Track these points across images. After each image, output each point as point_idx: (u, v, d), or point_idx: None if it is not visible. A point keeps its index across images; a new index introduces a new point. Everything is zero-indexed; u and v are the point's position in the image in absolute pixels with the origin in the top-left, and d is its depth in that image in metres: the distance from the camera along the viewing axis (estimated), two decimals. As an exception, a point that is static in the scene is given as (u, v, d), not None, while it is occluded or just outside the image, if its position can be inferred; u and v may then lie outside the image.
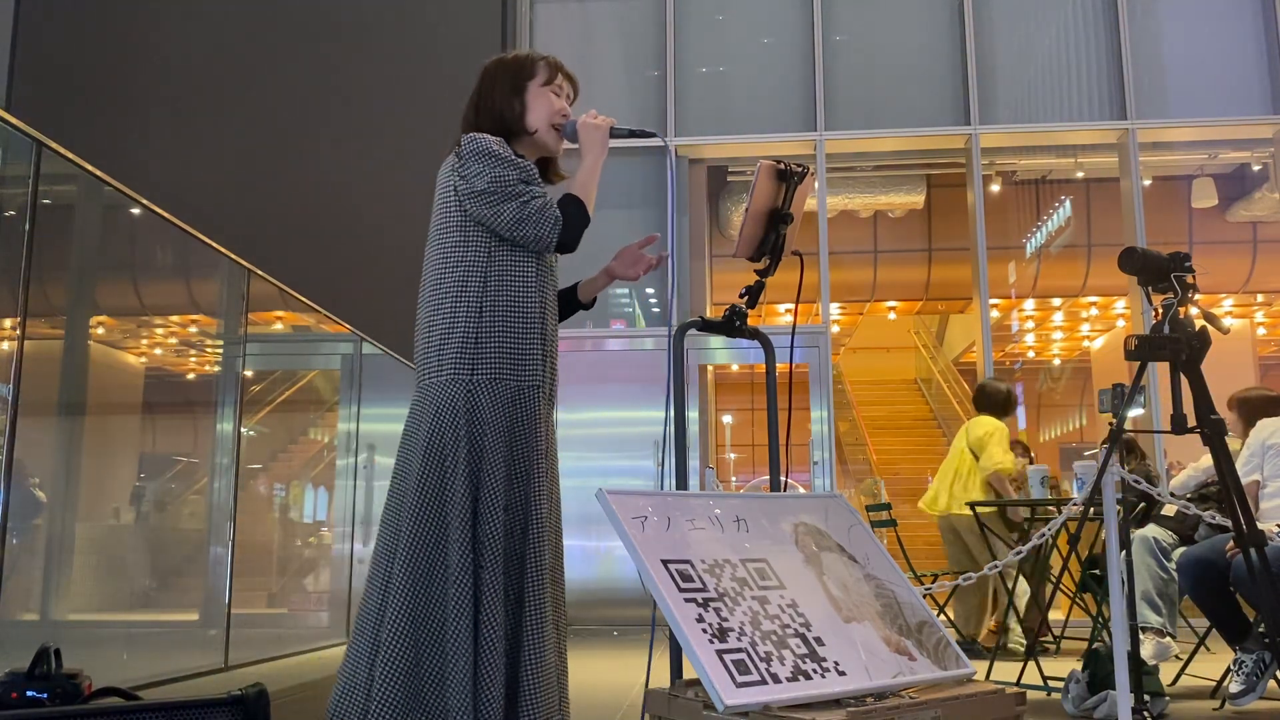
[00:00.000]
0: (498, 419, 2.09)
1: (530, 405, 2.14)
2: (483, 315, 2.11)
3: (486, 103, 2.27)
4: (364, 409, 5.89)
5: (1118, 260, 3.03)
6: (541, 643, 2.04)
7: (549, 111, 2.28)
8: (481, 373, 2.10)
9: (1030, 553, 3.97)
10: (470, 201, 2.13)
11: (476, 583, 2.01)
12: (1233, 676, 3.43)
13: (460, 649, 1.95)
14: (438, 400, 2.10)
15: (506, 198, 2.11)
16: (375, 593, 2.06)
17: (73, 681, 1.95)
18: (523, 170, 2.14)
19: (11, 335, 2.92)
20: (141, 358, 4.27)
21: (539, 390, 2.16)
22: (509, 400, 2.12)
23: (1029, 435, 17.58)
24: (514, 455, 2.12)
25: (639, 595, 6.97)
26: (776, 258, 2.45)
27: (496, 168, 2.12)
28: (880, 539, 2.37)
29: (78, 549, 3.56)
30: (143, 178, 3.92)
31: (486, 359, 2.10)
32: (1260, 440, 3.86)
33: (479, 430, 2.08)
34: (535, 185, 2.15)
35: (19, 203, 3.03)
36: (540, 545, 2.09)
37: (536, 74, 2.29)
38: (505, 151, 2.15)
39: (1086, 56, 8.05)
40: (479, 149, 2.13)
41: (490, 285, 2.13)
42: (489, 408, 2.09)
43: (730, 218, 9.99)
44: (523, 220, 2.10)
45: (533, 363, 2.15)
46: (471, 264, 2.13)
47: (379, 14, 8.48)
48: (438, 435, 2.07)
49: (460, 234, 2.15)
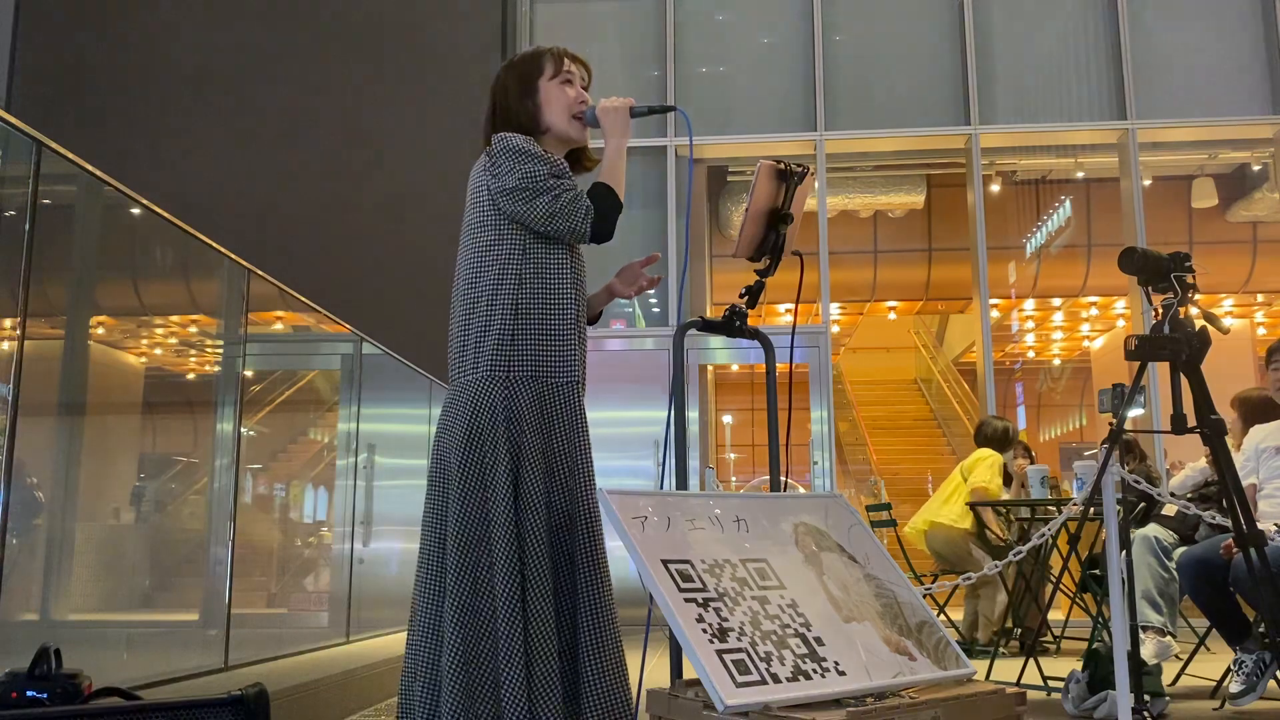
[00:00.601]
0: (535, 415, 2.09)
1: (569, 400, 2.15)
2: (519, 312, 2.11)
3: (502, 111, 2.27)
4: (364, 409, 5.88)
5: (1118, 260, 3.03)
6: (601, 641, 2.03)
7: (564, 103, 2.27)
8: (519, 369, 2.10)
9: (1030, 553, 3.97)
10: (503, 199, 2.13)
11: (523, 580, 2.00)
12: (1233, 676, 3.43)
13: (512, 650, 1.95)
14: (475, 397, 2.09)
15: (538, 193, 2.11)
16: (430, 591, 2.07)
17: (73, 681, 1.95)
18: (552, 165, 2.15)
19: (11, 335, 2.92)
20: (141, 358, 4.27)
21: (577, 385, 2.16)
22: (548, 396, 2.12)
23: (1029, 435, 17.58)
24: (554, 451, 2.11)
25: (639, 595, 6.97)
26: (776, 258, 2.45)
27: (526, 163, 2.12)
28: (880, 539, 2.37)
29: (78, 549, 3.55)
30: (143, 178, 3.92)
31: (524, 355, 2.10)
32: (1254, 445, 3.88)
33: (517, 427, 2.07)
34: (565, 179, 2.15)
35: (19, 203, 3.03)
36: (592, 541, 2.09)
37: (544, 69, 2.28)
38: (534, 148, 2.15)
39: (1086, 56, 8.05)
40: (508, 147, 2.14)
41: (526, 282, 2.13)
42: (527, 404, 2.09)
43: (730, 218, 9.99)
44: (555, 214, 2.11)
45: (569, 358, 2.15)
46: (506, 261, 2.13)
47: (379, 14, 8.47)
48: (476, 431, 2.07)
49: (494, 232, 2.15)
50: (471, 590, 2.01)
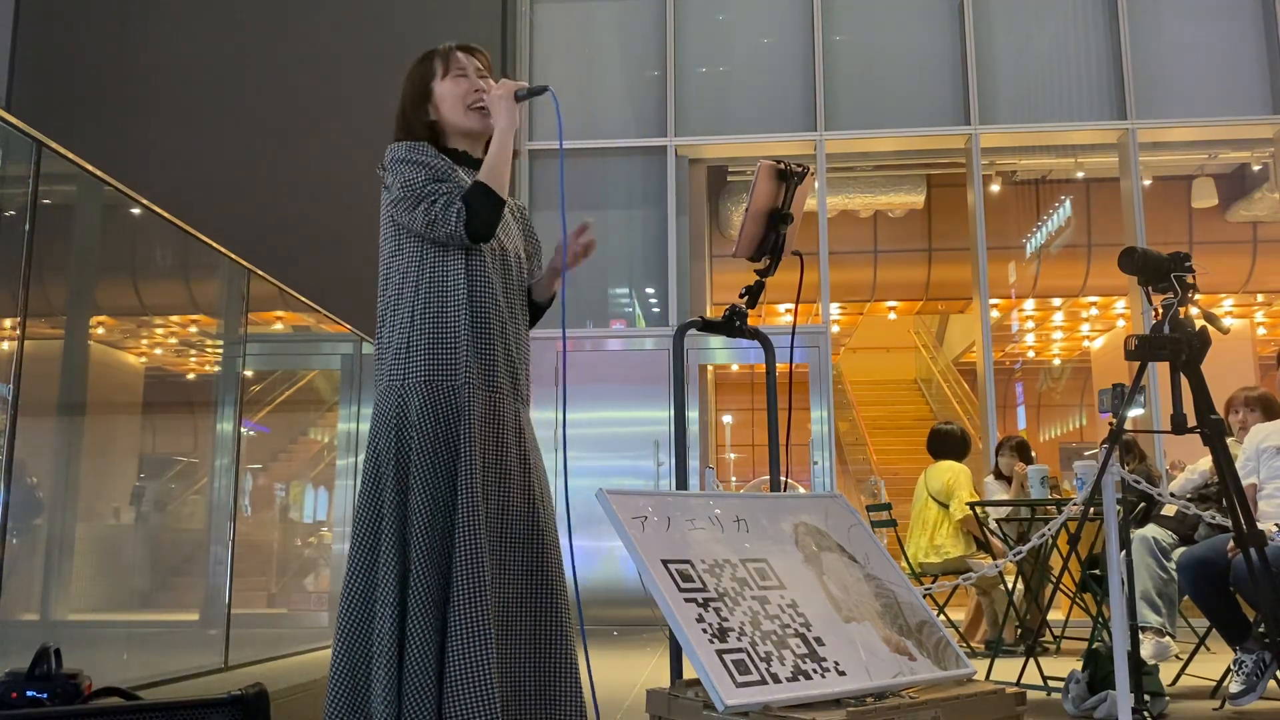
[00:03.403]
0: (425, 420, 2.08)
1: (462, 404, 2.10)
2: (413, 320, 2.13)
3: (402, 121, 2.29)
4: (364, 409, 5.88)
5: (1118, 260, 3.03)
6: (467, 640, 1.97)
7: (457, 98, 2.25)
8: (411, 377, 2.10)
9: (1030, 553, 3.97)
10: (393, 209, 2.16)
11: (403, 586, 2.01)
12: (1233, 676, 3.43)
13: (384, 653, 1.96)
14: (377, 410, 2.14)
15: (418, 200, 2.12)
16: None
17: (73, 681, 1.95)
18: (432, 170, 2.14)
19: (11, 335, 2.92)
20: (141, 358, 4.27)
21: (473, 389, 2.11)
22: (440, 401, 2.09)
23: (1029, 435, 17.58)
24: (447, 455, 2.09)
25: (639, 595, 6.97)
26: (776, 258, 2.45)
27: (405, 172, 2.14)
28: (880, 539, 2.37)
29: (78, 549, 3.55)
30: (143, 178, 3.92)
31: (416, 363, 2.11)
32: (1255, 444, 3.88)
33: (406, 434, 2.08)
34: (445, 182, 2.14)
35: (19, 203, 3.03)
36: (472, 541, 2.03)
37: (435, 71, 2.28)
38: (418, 155, 2.16)
39: (1086, 56, 8.05)
40: (391, 157, 2.17)
41: (420, 289, 2.14)
42: (417, 410, 2.08)
43: (730, 218, 9.99)
44: (432, 221, 2.11)
45: (463, 361, 2.11)
46: (404, 271, 2.16)
47: (379, 14, 8.48)
48: (373, 444, 2.11)
49: (394, 243, 2.18)
50: (357, 597, 2.04)
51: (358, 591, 2.04)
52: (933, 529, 5.52)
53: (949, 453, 5.68)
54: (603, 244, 8.01)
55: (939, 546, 5.46)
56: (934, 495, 5.54)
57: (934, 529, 5.51)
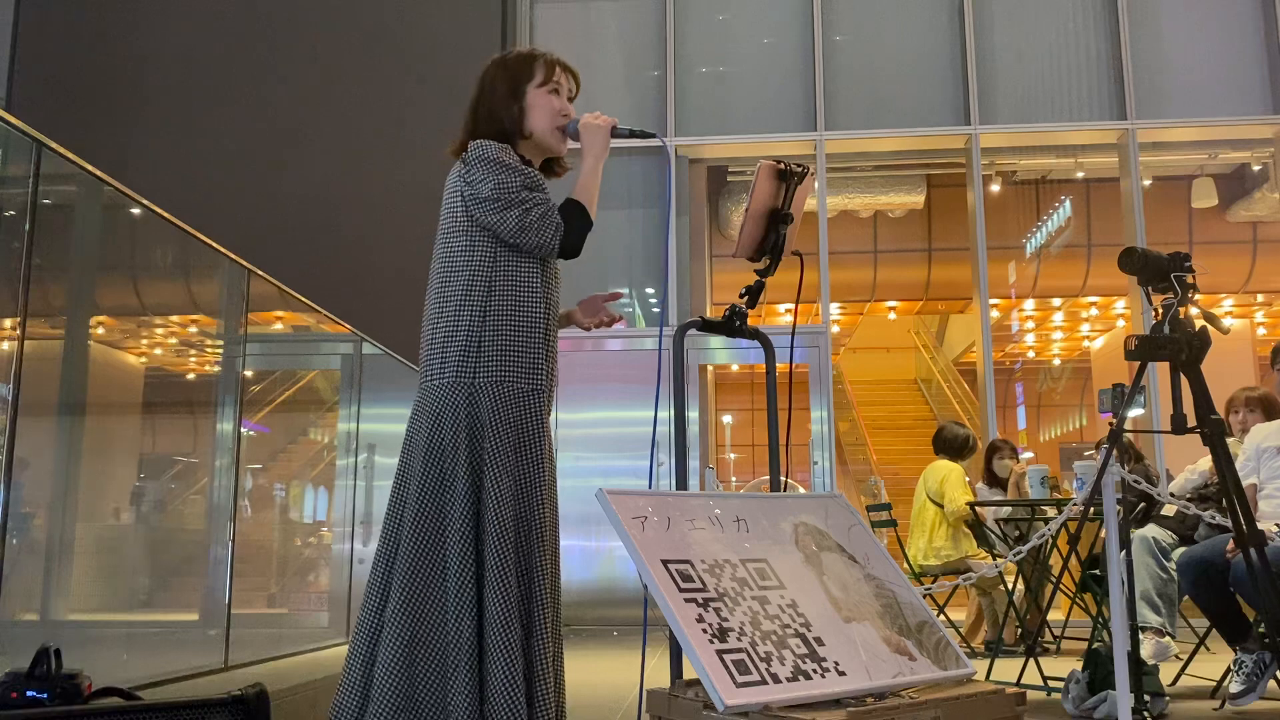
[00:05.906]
0: (499, 422, 2.10)
1: (533, 409, 2.15)
2: (487, 319, 2.12)
3: (485, 108, 2.26)
4: (364, 409, 5.88)
5: (1118, 260, 3.03)
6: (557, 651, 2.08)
7: (550, 113, 2.27)
8: (484, 375, 2.10)
9: (1030, 553, 3.97)
10: (475, 207, 2.14)
11: (480, 584, 2.01)
12: (1233, 676, 3.43)
13: (462, 651, 1.95)
14: (439, 402, 2.11)
15: (510, 204, 2.11)
16: (375, 595, 2.07)
17: (73, 681, 1.95)
18: (526, 177, 2.15)
19: (11, 335, 2.92)
20: (141, 358, 4.27)
21: (541, 394, 2.17)
22: (511, 403, 2.12)
23: (1029, 435, 17.58)
24: (515, 459, 2.12)
25: (639, 595, 6.97)
26: (776, 258, 2.45)
27: (500, 174, 2.12)
28: (880, 539, 2.37)
29: (78, 549, 3.56)
30: (143, 178, 3.92)
31: (489, 362, 2.11)
32: (1255, 444, 3.88)
33: (479, 433, 2.08)
34: (539, 191, 2.16)
35: (19, 203, 3.03)
36: (539, 551, 2.10)
37: (535, 75, 2.27)
38: (509, 158, 2.15)
39: (1086, 56, 8.05)
40: (483, 156, 2.14)
41: (495, 290, 2.14)
42: (490, 410, 2.10)
43: (730, 218, 9.99)
44: (525, 228, 2.11)
45: (536, 367, 2.15)
46: (477, 268, 2.14)
47: (379, 15, 8.47)
48: (438, 437, 2.08)
49: (466, 239, 2.16)
50: (422, 595, 2.01)
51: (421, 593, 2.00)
52: (930, 530, 5.54)
53: (944, 451, 5.72)
54: (603, 245, 8.01)
55: (938, 549, 5.48)
56: (930, 495, 5.57)
57: (932, 530, 5.54)
